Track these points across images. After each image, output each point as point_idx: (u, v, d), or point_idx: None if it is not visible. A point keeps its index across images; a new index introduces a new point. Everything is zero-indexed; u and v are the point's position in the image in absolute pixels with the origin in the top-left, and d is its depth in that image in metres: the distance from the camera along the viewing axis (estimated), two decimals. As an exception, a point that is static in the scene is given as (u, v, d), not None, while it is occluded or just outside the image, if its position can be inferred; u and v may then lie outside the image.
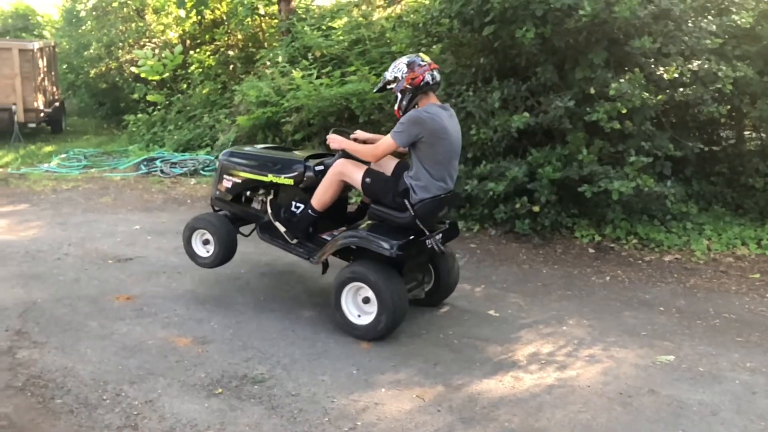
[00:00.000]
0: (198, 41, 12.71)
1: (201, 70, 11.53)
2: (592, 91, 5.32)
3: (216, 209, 4.64)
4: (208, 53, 12.03)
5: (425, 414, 3.04)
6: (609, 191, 5.17)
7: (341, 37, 9.30)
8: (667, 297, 4.59)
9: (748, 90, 5.48)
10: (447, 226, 4.06)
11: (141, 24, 13.40)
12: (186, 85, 11.73)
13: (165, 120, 10.90)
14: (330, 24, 10.02)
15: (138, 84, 12.16)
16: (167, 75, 11.46)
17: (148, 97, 11.35)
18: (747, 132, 6.43)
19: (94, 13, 13.92)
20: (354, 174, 3.87)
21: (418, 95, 3.77)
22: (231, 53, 12.05)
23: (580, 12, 5.08)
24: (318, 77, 8.21)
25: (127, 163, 9.15)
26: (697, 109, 5.44)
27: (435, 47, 6.81)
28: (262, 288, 4.61)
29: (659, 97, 5.32)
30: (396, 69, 3.81)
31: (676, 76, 5.23)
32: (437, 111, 3.70)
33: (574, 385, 3.33)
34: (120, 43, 13.15)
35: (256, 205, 4.41)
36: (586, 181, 5.38)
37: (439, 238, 3.90)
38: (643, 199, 5.59)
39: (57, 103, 12.43)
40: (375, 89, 4.13)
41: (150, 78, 11.44)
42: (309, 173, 4.08)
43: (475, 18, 5.71)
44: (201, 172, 8.60)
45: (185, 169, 8.59)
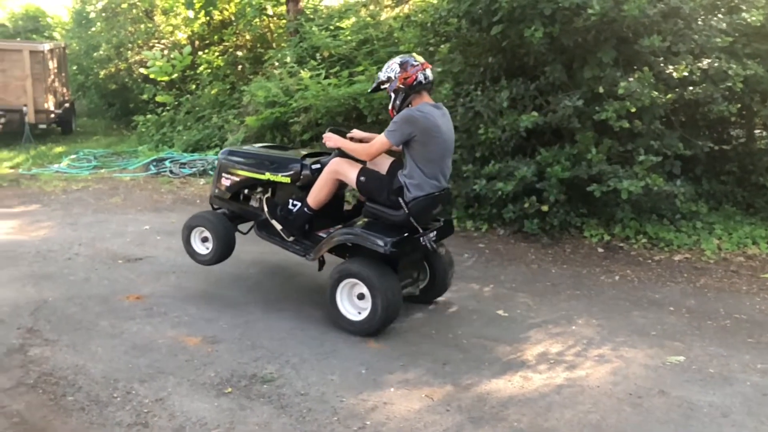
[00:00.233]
0: (207, 42, 12.76)
1: (210, 70, 11.59)
2: (601, 90, 5.31)
3: (215, 207, 4.70)
4: (216, 54, 12.08)
5: (434, 413, 3.04)
6: (618, 190, 5.16)
7: (349, 37, 9.31)
8: (677, 297, 4.57)
9: (758, 88, 5.44)
10: (442, 223, 4.10)
11: (150, 25, 13.48)
12: (195, 86, 11.78)
13: (174, 120, 10.95)
14: (338, 24, 10.04)
15: (147, 85, 12.22)
16: (176, 76, 11.52)
17: (157, 98, 11.40)
18: (757, 130, 6.39)
19: (103, 15, 14.01)
20: (349, 172, 3.92)
21: (411, 95, 3.82)
22: (239, 54, 12.09)
23: (588, 11, 5.07)
24: (326, 77, 8.23)
25: (137, 164, 9.20)
26: (707, 108, 5.41)
27: (443, 47, 6.81)
28: (271, 288, 4.63)
29: (668, 96, 5.29)
30: (389, 69, 3.86)
31: (685, 74, 5.21)
32: (430, 110, 3.74)
33: (583, 385, 3.32)
34: (129, 44, 13.23)
35: (254, 203, 4.46)
36: (595, 181, 5.36)
37: (433, 236, 3.93)
38: (653, 199, 5.57)
39: (67, 104, 12.50)
40: (369, 89, 4.17)
41: (159, 79, 11.50)
42: (305, 171, 4.12)
43: (484, 17, 5.71)
44: (210, 172, 8.61)
45: (194, 170, 8.63)
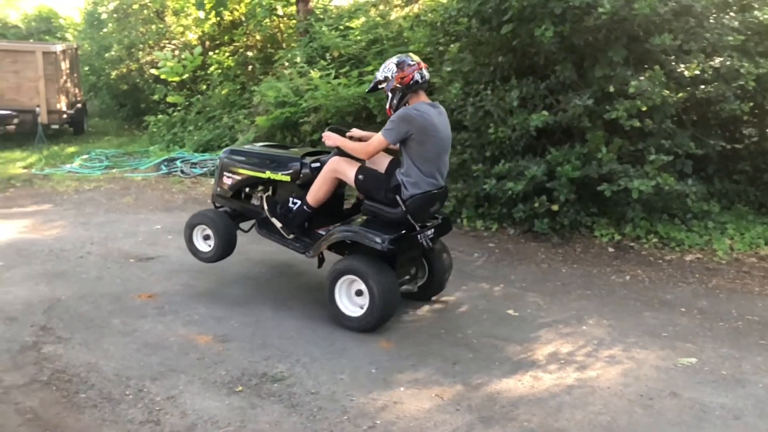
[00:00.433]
0: (217, 42, 12.81)
1: (220, 71, 11.62)
2: (611, 89, 5.28)
3: (217, 206, 4.75)
4: (227, 54, 12.12)
5: (444, 413, 3.05)
6: (629, 190, 5.13)
7: (359, 37, 9.30)
8: (689, 297, 4.54)
9: (771, 87, 5.40)
10: (440, 221, 4.13)
11: (161, 26, 13.55)
12: (205, 86, 11.82)
13: (185, 121, 11.00)
14: (348, 24, 10.03)
15: (158, 85, 12.28)
16: (187, 76, 11.57)
17: (168, 98, 11.46)
18: (770, 129, 6.32)
19: (115, 16, 14.09)
20: (347, 171, 3.97)
21: (408, 94, 3.86)
22: (250, 54, 12.13)
23: (599, 9, 5.05)
24: (336, 77, 8.23)
25: (148, 164, 9.25)
26: (719, 107, 5.36)
27: (453, 46, 6.80)
28: (281, 287, 4.64)
29: (680, 95, 5.26)
30: (386, 69, 3.90)
31: (697, 73, 5.17)
32: (426, 109, 3.77)
33: (594, 386, 3.31)
34: (140, 45, 13.30)
35: (255, 202, 4.51)
36: (605, 180, 5.33)
37: (430, 233, 3.96)
38: (664, 198, 5.53)
39: (79, 105, 12.59)
40: (367, 89, 4.21)
41: (170, 79, 11.55)
42: (305, 170, 4.18)
43: (494, 16, 5.70)
44: (220, 172, 8.66)
45: (205, 170, 8.66)
